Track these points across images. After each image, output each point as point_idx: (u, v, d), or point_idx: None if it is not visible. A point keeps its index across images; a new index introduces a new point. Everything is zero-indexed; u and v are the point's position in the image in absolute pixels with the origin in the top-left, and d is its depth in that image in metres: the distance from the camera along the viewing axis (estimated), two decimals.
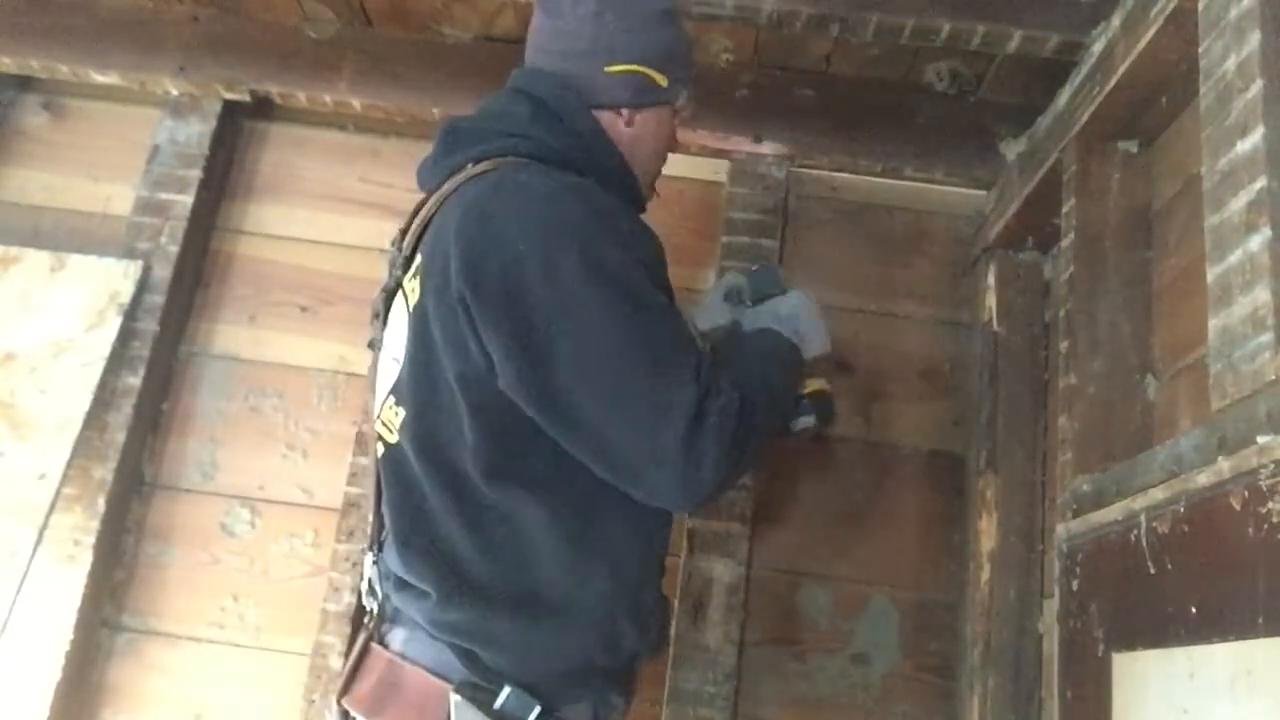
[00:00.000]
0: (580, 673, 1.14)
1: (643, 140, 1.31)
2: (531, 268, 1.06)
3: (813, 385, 1.38)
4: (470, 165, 1.21)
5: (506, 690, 1.07)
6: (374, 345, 1.33)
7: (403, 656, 1.15)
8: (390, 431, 1.19)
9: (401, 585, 1.17)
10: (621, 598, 1.14)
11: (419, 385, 1.15)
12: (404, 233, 1.28)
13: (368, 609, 1.26)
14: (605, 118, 1.27)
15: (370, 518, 1.29)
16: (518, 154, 1.20)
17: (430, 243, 1.17)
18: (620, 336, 1.05)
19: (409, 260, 1.23)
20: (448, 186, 1.21)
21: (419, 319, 1.15)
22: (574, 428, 1.07)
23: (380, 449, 1.23)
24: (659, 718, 1.64)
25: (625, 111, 1.28)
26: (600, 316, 1.05)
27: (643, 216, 1.28)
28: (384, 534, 1.23)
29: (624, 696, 1.23)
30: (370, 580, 1.25)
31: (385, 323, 1.27)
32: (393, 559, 1.18)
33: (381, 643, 1.19)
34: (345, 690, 1.19)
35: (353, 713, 1.17)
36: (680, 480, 1.04)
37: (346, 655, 1.65)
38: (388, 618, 1.22)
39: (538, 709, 1.08)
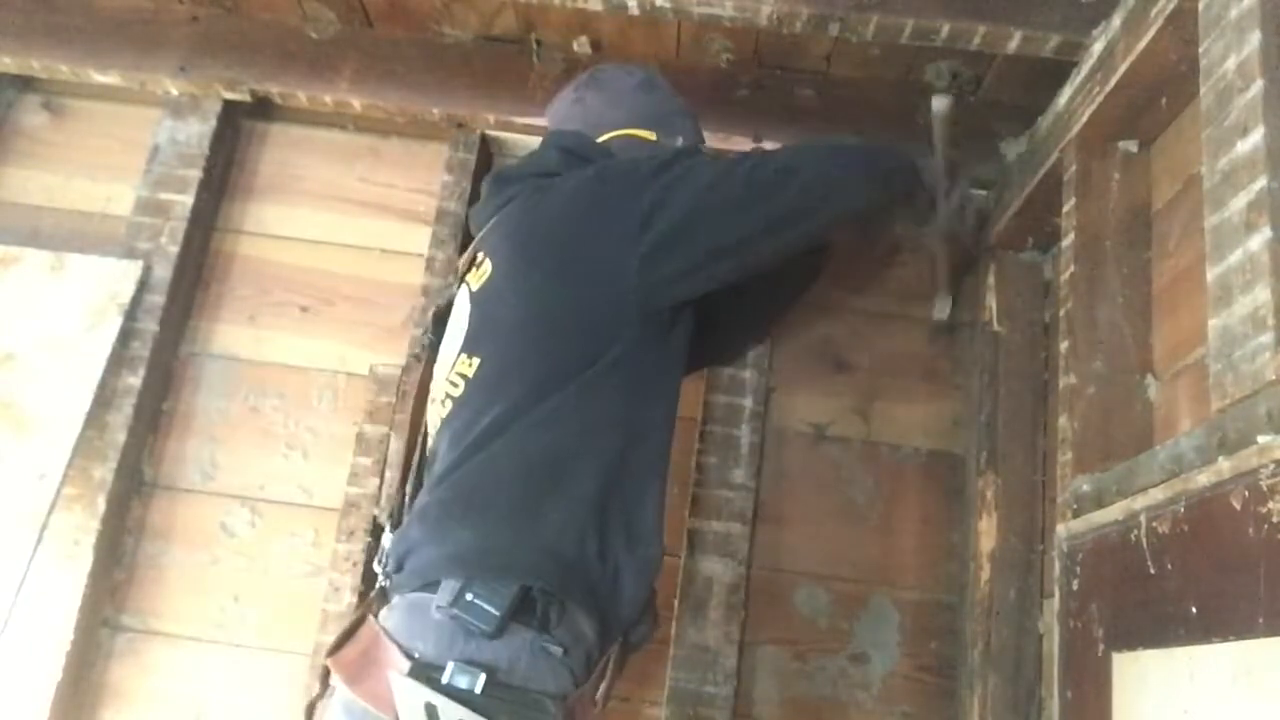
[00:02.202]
0: (567, 569, 1.17)
1: None
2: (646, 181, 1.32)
3: None
4: (523, 192, 1.40)
5: (451, 665, 1.11)
6: (421, 355, 1.55)
7: (385, 631, 1.19)
8: (457, 386, 1.31)
9: (421, 538, 1.23)
10: (610, 493, 1.23)
11: (492, 330, 1.31)
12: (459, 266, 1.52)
13: (378, 584, 1.32)
14: None
15: (395, 499, 1.43)
16: None
17: (497, 237, 1.38)
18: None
19: (467, 266, 1.44)
20: (507, 209, 1.40)
21: (488, 289, 1.34)
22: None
23: (447, 409, 1.32)
24: (659, 718, 1.64)
25: None
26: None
27: None
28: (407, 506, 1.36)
29: (599, 634, 1.21)
30: (383, 554, 1.32)
31: (445, 325, 1.44)
32: (429, 501, 1.27)
33: (377, 616, 1.24)
34: (334, 651, 1.23)
35: (335, 674, 1.20)
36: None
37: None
38: (388, 594, 1.27)
39: (483, 678, 1.11)
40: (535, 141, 1.63)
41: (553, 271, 1.31)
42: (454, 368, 1.33)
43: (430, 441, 1.39)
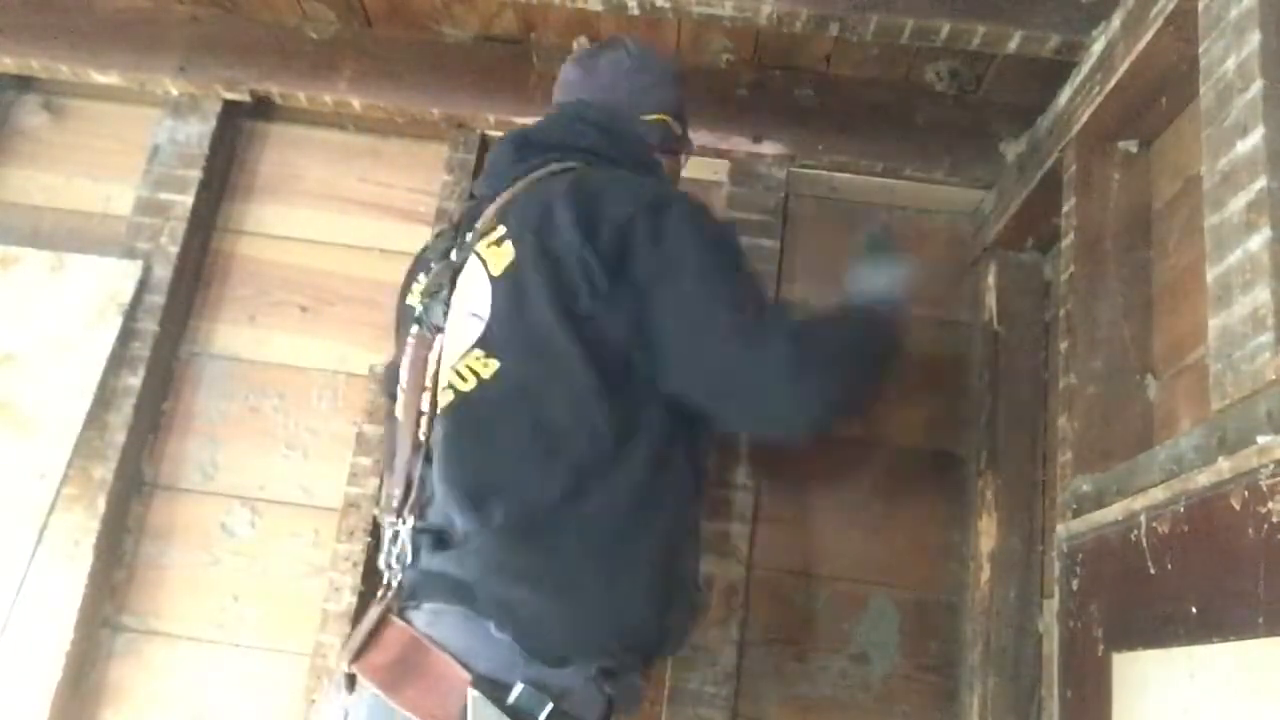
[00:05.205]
0: (627, 635, 1.16)
1: None
2: (641, 228, 1.20)
3: None
4: (554, 163, 1.34)
5: (519, 687, 1.09)
6: (422, 320, 1.34)
7: (429, 638, 1.13)
8: (465, 380, 1.22)
9: (442, 543, 1.17)
10: (671, 555, 1.21)
11: (517, 336, 1.22)
12: (455, 224, 1.41)
13: (386, 580, 1.23)
14: None
15: (398, 488, 1.26)
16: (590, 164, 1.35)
17: (522, 217, 1.26)
18: (720, 282, 1.20)
19: (482, 234, 1.31)
20: (532, 177, 1.33)
21: (512, 279, 1.23)
22: (694, 367, 1.19)
23: (447, 399, 1.23)
24: (659, 718, 1.64)
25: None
26: (702, 267, 1.20)
27: None
28: (424, 498, 1.23)
29: (647, 676, 1.26)
30: (400, 549, 1.22)
31: (451, 292, 1.31)
32: (448, 515, 1.18)
33: (402, 617, 1.17)
34: (357, 657, 1.16)
35: (366, 681, 1.14)
36: (792, 397, 1.19)
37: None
38: (410, 593, 1.19)
39: (550, 706, 1.08)
40: None
41: (595, 303, 1.21)
42: (464, 358, 1.23)
43: (429, 426, 1.26)
